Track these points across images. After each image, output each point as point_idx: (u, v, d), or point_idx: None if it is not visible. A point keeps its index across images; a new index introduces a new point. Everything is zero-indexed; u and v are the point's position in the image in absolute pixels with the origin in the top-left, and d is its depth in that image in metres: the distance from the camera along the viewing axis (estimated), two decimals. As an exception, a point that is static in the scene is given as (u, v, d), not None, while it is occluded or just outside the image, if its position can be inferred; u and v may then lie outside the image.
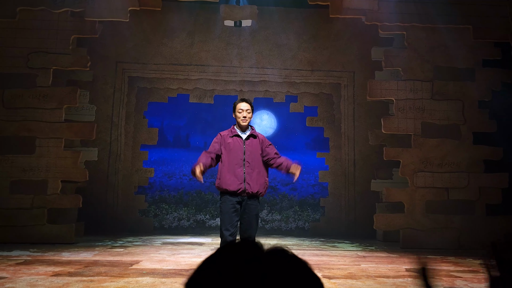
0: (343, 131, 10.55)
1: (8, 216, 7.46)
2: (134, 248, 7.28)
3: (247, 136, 4.43)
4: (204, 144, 17.64)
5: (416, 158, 8.08)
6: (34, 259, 5.78)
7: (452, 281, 4.77)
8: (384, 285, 4.43)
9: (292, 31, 10.52)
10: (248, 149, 4.35)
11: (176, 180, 13.88)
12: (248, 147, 4.36)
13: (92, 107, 9.36)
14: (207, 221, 11.50)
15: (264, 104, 14.43)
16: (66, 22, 8.04)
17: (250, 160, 4.32)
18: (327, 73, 10.62)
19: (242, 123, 4.40)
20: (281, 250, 0.71)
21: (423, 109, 8.20)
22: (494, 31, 8.03)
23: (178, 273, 4.97)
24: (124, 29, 9.49)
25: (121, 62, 10.30)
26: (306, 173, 14.66)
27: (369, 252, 7.36)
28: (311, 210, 12.14)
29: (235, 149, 4.34)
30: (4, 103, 7.77)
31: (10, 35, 7.94)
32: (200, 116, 16.92)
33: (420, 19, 8.11)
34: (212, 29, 10.45)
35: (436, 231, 7.80)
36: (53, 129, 7.82)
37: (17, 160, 7.69)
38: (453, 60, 8.28)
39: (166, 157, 15.43)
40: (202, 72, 10.51)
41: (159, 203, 12.22)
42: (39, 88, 7.86)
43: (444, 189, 8.02)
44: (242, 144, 4.36)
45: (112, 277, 4.59)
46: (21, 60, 7.89)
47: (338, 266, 5.74)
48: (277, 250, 0.71)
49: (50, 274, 4.71)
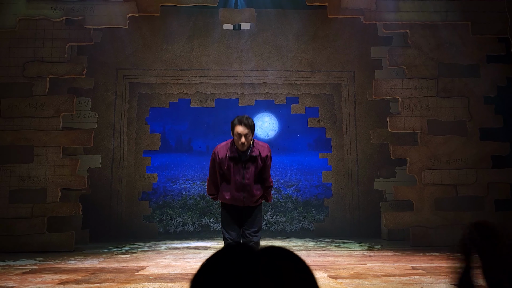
0: (344, 131, 10.55)
1: (8, 225, 7.48)
2: (140, 254, 7.29)
3: (247, 159, 4.12)
4: (206, 148, 17.64)
5: (423, 155, 8.07)
6: (40, 267, 5.79)
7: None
8: (391, 284, 4.42)
9: (291, 32, 10.54)
10: (248, 172, 4.10)
11: (179, 185, 13.87)
12: (247, 170, 4.11)
13: (94, 114, 9.39)
14: (212, 225, 11.50)
15: (265, 106, 14.43)
16: (61, 31, 8.07)
17: (249, 183, 4.11)
18: (327, 74, 10.64)
19: (240, 149, 4.07)
20: (278, 249, 0.72)
21: (429, 107, 8.19)
22: (493, 26, 8.05)
23: (184, 277, 4.97)
24: (123, 35, 9.53)
25: (122, 69, 10.34)
26: (309, 174, 14.64)
27: (375, 251, 7.35)
28: (315, 211, 12.11)
29: (234, 173, 4.10)
30: (1, 112, 7.80)
31: (4, 45, 7.98)
32: (202, 120, 16.93)
33: (418, 16, 8.12)
34: (211, 33, 10.47)
35: (445, 228, 7.77)
36: (50, 137, 7.83)
37: (16, 169, 7.71)
38: (457, 56, 8.27)
39: (169, 162, 15.43)
40: (203, 76, 10.53)
41: (163, 208, 12.22)
42: (36, 96, 7.89)
43: (453, 186, 8.00)
44: (242, 169, 4.11)
45: (119, 284, 4.59)
46: (17, 69, 7.92)
47: (344, 266, 5.74)
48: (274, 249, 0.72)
49: (57, 282, 4.71)
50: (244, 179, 4.11)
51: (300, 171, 15.13)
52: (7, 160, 7.71)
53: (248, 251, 0.71)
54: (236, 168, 4.11)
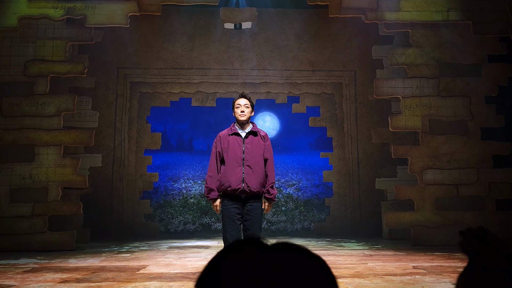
0: (346, 130, 10.55)
1: (9, 224, 7.49)
2: (141, 253, 7.29)
3: (247, 133, 4.29)
4: (207, 147, 17.64)
5: (424, 155, 8.06)
6: (41, 266, 5.79)
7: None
8: (392, 283, 4.42)
9: (292, 32, 10.54)
10: (248, 147, 4.22)
11: (180, 184, 13.88)
12: (247, 145, 4.22)
13: (95, 113, 9.39)
14: (212, 224, 11.50)
15: (266, 105, 14.41)
16: (62, 30, 8.08)
17: (249, 158, 4.18)
18: (328, 73, 10.64)
19: (240, 118, 4.25)
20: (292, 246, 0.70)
21: (430, 106, 8.18)
22: (494, 26, 8.03)
23: (185, 276, 4.97)
24: (124, 34, 9.53)
25: (123, 68, 10.34)
26: (310, 173, 14.62)
27: (376, 251, 7.35)
28: (316, 210, 12.10)
29: (234, 147, 4.21)
30: (2, 111, 7.81)
31: (6, 44, 7.99)
32: (203, 119, 16.92)
33: (420, 15, 8.11)
34: (213, 32, 10.47)
35: (447, 228, 7.77)
36: (51, 136, 7.84)
37: (17, 168, 7.72)
38: (459, 56, 8.26)
39: (170, 161, 15.42)
40: (204, 75, 10.54)
41: (164, 207, 12.22)
42: (37, 96, 7.90)
43: (454, 185, 8.00)
44: (241, 143, 4.23)
45: (119, 282, 4.60)
46: (18, 68, 7.93)
47: (345, 265, 5.74)
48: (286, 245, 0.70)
49: (58, 281, 4.72)
50: (244, 153, 4.21)
51: (301, 171, 15.12)
52: (8, 159, 7.72)
53: (260, 247, 0.69)
54: (236, 143, 4.25)
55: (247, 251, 0.68)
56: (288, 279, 0.64)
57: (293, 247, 0.69)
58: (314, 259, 0.69)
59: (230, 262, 0.67)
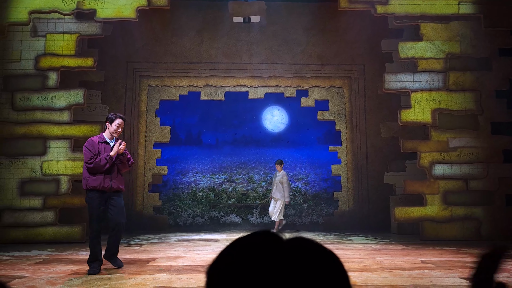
0: (354, 125, 10.52)
1: (21, 217, 7.60)
2: (150, 245, 7.36)
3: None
4: (216, 141, 17.67)
5: (434, 149, 8.02)
6: (52, 258, 5.87)
7: (469, 272, 4.74)
8: (400, 277, 4.42)
9: (301, 25, 10.50)
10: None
11: (189, 178, 13.95)
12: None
13: (105, 107, 9.45)
14: (221, 218, 11.57)
15: (275, 99, 14.38)
16: (72, 24, 8.13)
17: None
18: (337, 67, 10.60)
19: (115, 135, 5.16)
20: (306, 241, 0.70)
21: (440, 100, 8.12)
22: (505, 19, 7.94)
23: (194, 269, 5.01)
24: (133, 29, 9.56)
25: (132, 62, 10.39)
26: (319, 167, 14.62)
27: (384, 245, 7.35)
28: (324, 204, 12.12)
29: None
30: (13, 105, 7.89)
31: (17, 38, 8.05)
32: (211, 113, 16.95)
33: (430, 9, 8.04)
34: (221, 26, 10.47)
35: (456, 223, 7.75)
36: (62, 130, 7.92)
37: (28, 161, 7.82)
38: (469, 49, 8.18)
39: (178, 155, 15.50)
40: (212, 69, 10.55)
41: (173, 200, 12.31)
42: (47, 89, 7.97)
43: (463, 180, 7.95)
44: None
45: (129, 275, 4.65)
46: (29, 63, 7.99)
47: (353, 259, 5.75)
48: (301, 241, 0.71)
49: (69, 272, 4.79)
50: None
51: (310, 165, 15.13)
52: (19, 153, 7.81)
53: (275, 240, 0.70)
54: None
55: (263, 243, 0.69)
56: (301, 273, 0.65)
57: (307, 241, 0.70)
58: (327, 254, 0.70)
59: (245, 252, 0.68)
